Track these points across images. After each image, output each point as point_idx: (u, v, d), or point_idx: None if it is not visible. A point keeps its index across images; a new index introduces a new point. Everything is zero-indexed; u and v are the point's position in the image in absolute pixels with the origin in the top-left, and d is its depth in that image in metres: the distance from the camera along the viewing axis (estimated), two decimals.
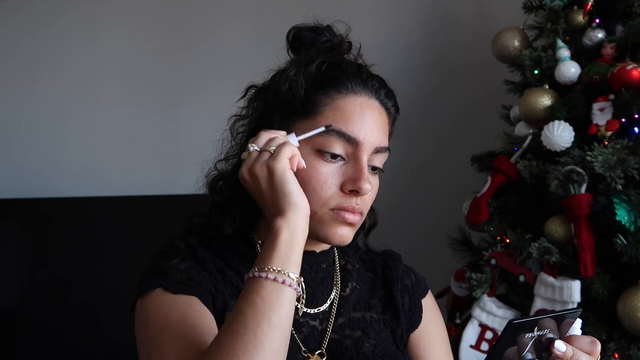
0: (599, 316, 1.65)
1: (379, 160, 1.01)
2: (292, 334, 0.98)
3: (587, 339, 0.85)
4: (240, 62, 2.43)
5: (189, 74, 2.60)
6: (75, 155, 2.62)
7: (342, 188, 0.97)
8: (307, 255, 1.03)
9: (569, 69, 1.80)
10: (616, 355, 1.59)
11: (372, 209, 1.13)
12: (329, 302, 1.04)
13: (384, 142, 1.01)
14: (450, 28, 2.50)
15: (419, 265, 1.19)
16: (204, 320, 0.92)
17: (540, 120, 1.80)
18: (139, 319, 0.95)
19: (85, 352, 2.31)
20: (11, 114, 2.64)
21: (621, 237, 1.59)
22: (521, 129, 1.91)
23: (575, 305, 1.65)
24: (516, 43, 1.95)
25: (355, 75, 1.00)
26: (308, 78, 1.00)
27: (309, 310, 1.02)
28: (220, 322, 0.94)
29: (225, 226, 1.03)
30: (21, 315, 2.39)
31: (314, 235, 0.99)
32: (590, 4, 1.81)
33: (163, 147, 2.60)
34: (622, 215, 1.58)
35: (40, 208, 2.44)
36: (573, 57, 1.83)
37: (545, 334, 0.82)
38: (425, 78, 2.49)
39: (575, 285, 1.64)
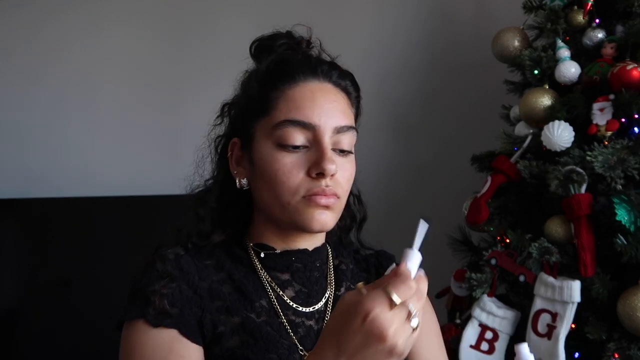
0: (599, 316, 1.65)
1: (347, 143, 1.01)
2: (289, 334, 0.99)
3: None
4: (241, 62, 2.43)
5: (189, 73, 2.60)
6: (75, 155, 2.62)
7: (309, 174, 0.98)
8: (300, 254, 1.04)
9: (569, 69, 1.80)
10: (616, 355, 1.59)
11: (361, 203, 1.14)
12: (323, 300, 1.04)
13: (344, 121, 1.01)
14: (450, 28, 2.50)
15: None
16: None
17: (540, 120, 1.80)
18: (122, 347, 0.97)
19: (85, 353, 2.30)
20: (11, 113, 2.64)
21: (621, 237, 1.59)
22: (521, 129, 1.91)
23: (574, 306, 1.64)
24: (516, 43, 1.95)
25: (302, 64, 1.02)
26: (258, 78, 1.03)
27: (303, 309, 1.02)
28: (213, 340, 0.95)
29: (215, 236, 1.04)
30: (21, 315, 2.39)
31: (294, 226, 1.00)
32: (590, 4, 1.81)
33: (163, 147, 2.60)
34: (622, 215, 1.58)
35: (40, 208, 2.44)
36: (573, 57, 1.83)
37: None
38: (426, 78, 2.49)
39: (575, 285, 1.64)
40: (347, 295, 0.77)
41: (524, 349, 0.83)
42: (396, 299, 0.74)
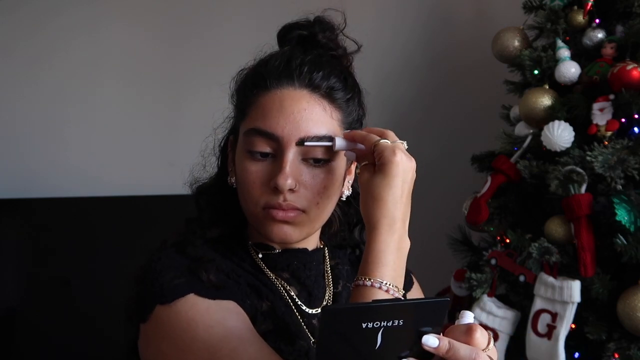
0: (599, 316, 1.65)
1: (321, 152, 0.96)
2: (303, 331, 0.99)
3: (462, 327, 0.75)
4: (243, 61, 2.42)
5: (190, 72, 2.60)
6: (74, 155, 2.62)
7: (269, 185, 0.95)
8: (300, 254, 1.03)
9: (569, 69, 1.80)
10: (616, 355, 1.59)
11: None
12: (324, 302, 1.04)
13: (313, 132, 0.95)
14: (451, 28, 2.50)
15: (419, 265, 1.19)
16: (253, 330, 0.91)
17: (540, 120, 1.80)
18: (169, 326, 0.90)
19: (84, 353, 2.30)
20: (10, 113, 2.64)
21: (621, 237, 1.59)
22: (521, 129, 1.91)
23: (574, 306, 1.65)
24: (516, 43, 1.95)
25: (278, 69, 0.98)
26: (242, 81, 1.02)
27: (309, 311, 1.02)
28: (251, 320, 0.93)
29: (214, 230, 1.03)
30: (21, 315, 2.39)
31: (262, 235, 0.99)
32: (590, 4, 1.81)
33: (163, 146, 2.60)
34: (622, 215, 1.58)
35: (40, 208, 2.44)
36: (573, 57, 1.83)
37: (399, 324, 0.69)
38: (426, 78, 2.49)
39: (575, 285, 1.65)
40: None
41: (468, 316, 0.77)
42: None
